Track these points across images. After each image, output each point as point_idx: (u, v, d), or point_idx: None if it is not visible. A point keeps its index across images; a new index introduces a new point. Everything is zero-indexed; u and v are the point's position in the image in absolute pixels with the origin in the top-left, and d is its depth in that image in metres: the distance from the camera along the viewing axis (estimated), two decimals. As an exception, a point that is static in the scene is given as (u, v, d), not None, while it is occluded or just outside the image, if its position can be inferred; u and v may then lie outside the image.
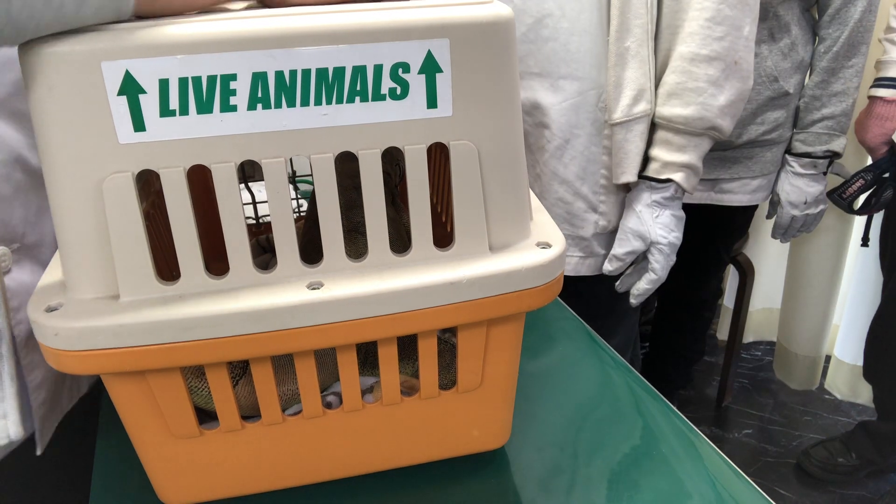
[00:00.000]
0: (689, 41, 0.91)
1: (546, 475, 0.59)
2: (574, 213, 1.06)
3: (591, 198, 1.04)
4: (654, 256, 1.02)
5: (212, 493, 0.55)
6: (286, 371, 0.54)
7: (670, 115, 0.95)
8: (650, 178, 0.99)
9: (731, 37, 0.91)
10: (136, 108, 0.40)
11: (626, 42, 0.93)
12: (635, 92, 0.95)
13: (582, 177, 1.03)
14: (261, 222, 0.86)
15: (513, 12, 0.45)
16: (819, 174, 1.29)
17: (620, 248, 1.04)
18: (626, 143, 0.97)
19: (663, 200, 0.99)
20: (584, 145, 1.01)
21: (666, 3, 0.93)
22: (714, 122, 0.95)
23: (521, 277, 0.48)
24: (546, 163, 1.05)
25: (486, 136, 0.46)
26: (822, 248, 1.63)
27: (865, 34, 1.19)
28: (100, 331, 0.42)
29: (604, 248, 1.09)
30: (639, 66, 0.94)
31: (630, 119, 0.95)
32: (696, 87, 0.92)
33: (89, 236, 0.43)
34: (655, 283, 1.04)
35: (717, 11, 0.90)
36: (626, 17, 0.91)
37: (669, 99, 0.94)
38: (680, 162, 0.96)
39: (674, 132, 0.96)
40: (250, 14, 0.42)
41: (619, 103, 0.95)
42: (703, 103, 0.93)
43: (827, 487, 1.62)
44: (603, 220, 1.05)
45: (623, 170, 0.99)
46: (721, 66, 0.92)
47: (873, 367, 1.58)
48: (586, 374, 0.73)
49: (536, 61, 1.00)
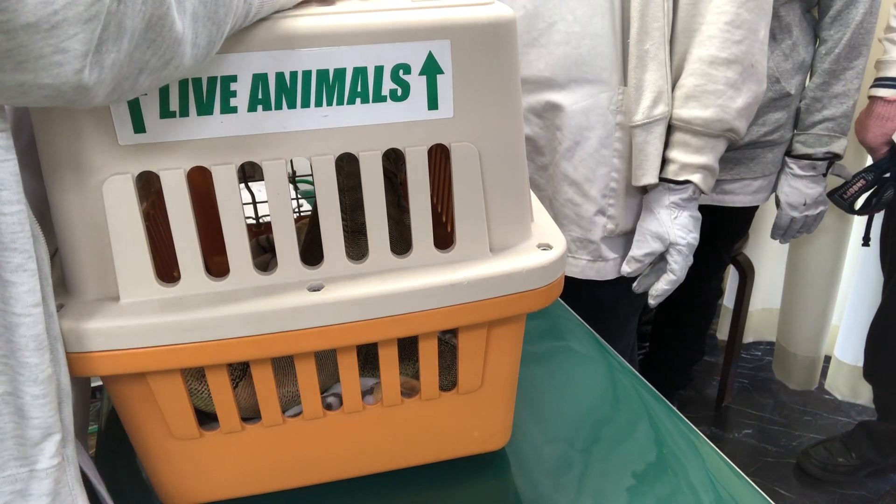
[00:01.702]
0: (708, 44, 0.92)
1: (546, 476, 0.59)
2: (583, 216, 1.06)
3: (600, 201, 1.05)
4: (673, 257, 1.02)
5: (212, 495, 0.55)
6: (286, 372, 0.54)
7: (689, 117, 0.95)
8: (668, 179, 1.00)
9: (748, 40, 0.93)
10: (136, 110, 0.40)
11: (646, 45, 0.93)
12: (655, 94, 0.95)
13: (591, 179, 1.04)
14: (261, 222, 0.86)
15: (521, 15, 0.45)
16: (818, 176, 1.29)
17: (639, 250, 1.04)
18: (646, 146, 0.98)
19: (681, 202, 1.00)
20: (594, 148, 1.02)
21: (682, 7, 0.94)
22: (732, 124, 0.96)
23: (521, 279, 0.48)
24: (557, 164, 1.05)
25: (487, 137, 0.46)
26: (822, 249, 1.63)
27: (867, 36, 1.19)
28: (100, 333, 0.42)
29: (612, 252, 1.09)
30: (657, 69, 0.95)
31: (650, 121, 0.96)
32: (715, 89, 0.93)
33: (89, 238, 0.43)
34: (674, 283, 1.04)
35: (735, 15, 0.91)
36: (645, 20, 0.92)
37: (688, 101, 0.95)
38: (698, 163, 0.98)
39: (692, 134, 0.97)
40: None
41: (639, 105, 0.96)
42: (722, 105, 0.94)
43: (827, 487, 1.62)
44: (611, 223, 1.06)
45: (644, 171, 0.99)
46: (739, 68, 0.93)
47: (873, 368, 1.57)
48: (586, 374, 0.73)
49: (548, 64, 1.01)
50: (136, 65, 0.30)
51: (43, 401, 0.35)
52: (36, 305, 0.34)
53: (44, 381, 0.35)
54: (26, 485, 0.36)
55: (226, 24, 0.35)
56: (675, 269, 1.03)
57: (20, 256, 0.33)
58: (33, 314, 0.34)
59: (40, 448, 0.36)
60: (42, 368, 0.35)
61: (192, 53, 0.33)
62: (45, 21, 0.24)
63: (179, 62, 0.33)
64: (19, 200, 0.32)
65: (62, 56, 0.25)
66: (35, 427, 0.35)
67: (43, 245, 0.36)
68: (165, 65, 0.32)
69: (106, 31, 0.27)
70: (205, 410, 0.52)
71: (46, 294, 0.36)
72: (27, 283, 0.33)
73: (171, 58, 0.32)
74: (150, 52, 0.30)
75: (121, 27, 0.28)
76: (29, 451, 0.36)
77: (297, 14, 0.42)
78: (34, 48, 0.25)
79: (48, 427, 0.36)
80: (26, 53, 0.25)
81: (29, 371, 0.34)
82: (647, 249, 1.04)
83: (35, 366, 0.34)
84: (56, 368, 0.37)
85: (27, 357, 0.34)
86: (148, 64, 0.31)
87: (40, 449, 0.36)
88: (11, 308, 0.33)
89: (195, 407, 0.50)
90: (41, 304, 0.34)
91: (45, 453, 0.36)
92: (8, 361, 0.34)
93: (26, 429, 0.35)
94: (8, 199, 0.32)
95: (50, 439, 0.36)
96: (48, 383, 0.35)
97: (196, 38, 0.33)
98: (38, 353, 0.34)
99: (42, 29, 0.24)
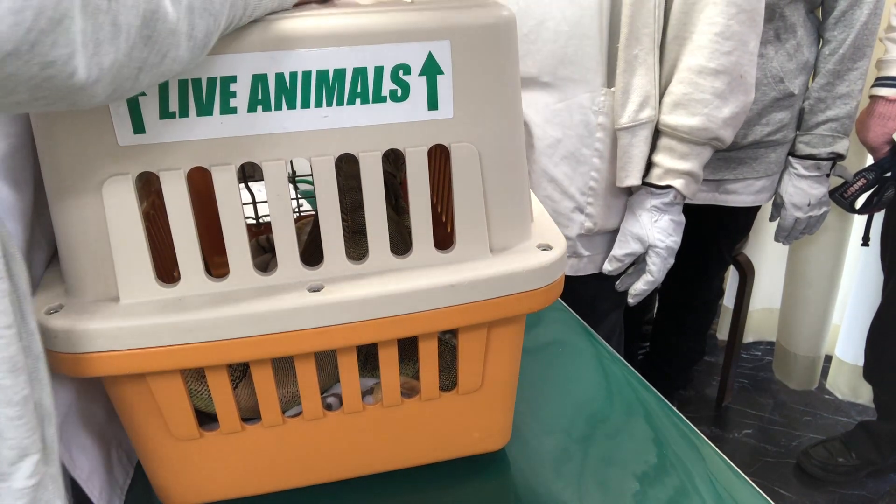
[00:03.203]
0: (698, 54, 0.94)
1: (546, 476, 0.59)
2: (560, 213, 1.08)
3: (579, 198, 1.06)
4: (652, 259, 1.05)
5: (212, 495, 0.55)
6: (286, 373, 0.54)
7: (675, 124, 0.97)
8: (651, 184, 1.02)
9: (738, 52, 0.94)
10: (136, 110, 0.40)
11: (635, 50, 0.95)
12: (641, 98, 0.97)
13: (571, 177, 1.05)
14: (261, 222, 0.86)
15: (515, 14, 0.45)
16: (822, 176, 1.29)
17: (620, 250, 1.07)
18: (631, 148, 0.99)
19: (662, 206, 1.02)
20: (574, 146, 1.03)
21: (674, 15, 0.95)
22: (717, 133, 0.98)
23: (521, 279, 0.48)
24: (536, 160, 1.07)
25: (488, 137, 0.46)
26: (822, 249, 1.63)
27: (870, 37, 1.19)
28: (99, 333, 0.42)
29: (587, 250, 1.12)
30: (645, 74, 0.96)
31: (636, 124, 0.98)
32: (703, 98, 0.95)
33: (89, 238, 0.43)
34: (652, 284, 1.07)
35: (726, 27, 0.92)
36: (635, 25, 0.93)
37: (675, 109, 0.97)
38: (681, 169, 0.99)
39: (678, 140, 0.98)
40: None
41: (625, 108, 0.97)
42: (708, 115, 0.96)
43: (827, 487, 1.62)
44: (589, 221, 1.08)
45: (627, 173, 1.01)
46: (727, 79, 0.95)
47: (873, 367, 1.57)
48: (586, 375, 0.73)
49: (535, 62, 1.02)
50: (136, 63, 0.30)
51: (18, 422, 0.34)
52: (7, 327, 0.33)
53: (18, 402, 0.34)
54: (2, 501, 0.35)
55: (222, 15, 0.35)
56: (653, 271, 1.06)
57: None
58: (4, 336, 0.33)
59: (16, 467, 0.35)
60: (16, 390, 0.34)
61: (189, 46, 0.33)
62: (23, 43, 0.23)
63: (176, 54, 0.32)
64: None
65: (51, 70, 0.25)
66: (10, 447, 0.35)
67: (19, 263, 0.35)
68: (162, 59, 0.31)
69: (101, 31, 0.27)
70: (205, 411, 0.52)
71: (25, 313, 0.35)
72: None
73: (167, 51, 0.31)
74: (146, 48, 0.30)
75: (116, 25, 0.27)
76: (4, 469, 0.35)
77: (297, 14, 0.42)
78: (22, 75, 0.24)
79: (24, 448, 0.35)
80: (16, 81, 0.24)
81: (2, 393, 0.33)
82: (627, 250, 1.07)
83: (8, 388, 0.33)
84: (36, 389, 0.36)
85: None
86: (146, 61, 0.30)
87: (16, 468, 0.35)
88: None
89: (195, 407, 0.50)
90: (13, 326, 0.33)
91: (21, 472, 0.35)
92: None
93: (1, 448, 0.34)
94: None
95: (26, 459, 0.35)
96: (23, 405, 0.34)
97: (192, 29, 0.33)
98: (11, 375, 0.33)
99: (23, 52, 0.24)
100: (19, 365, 0.34)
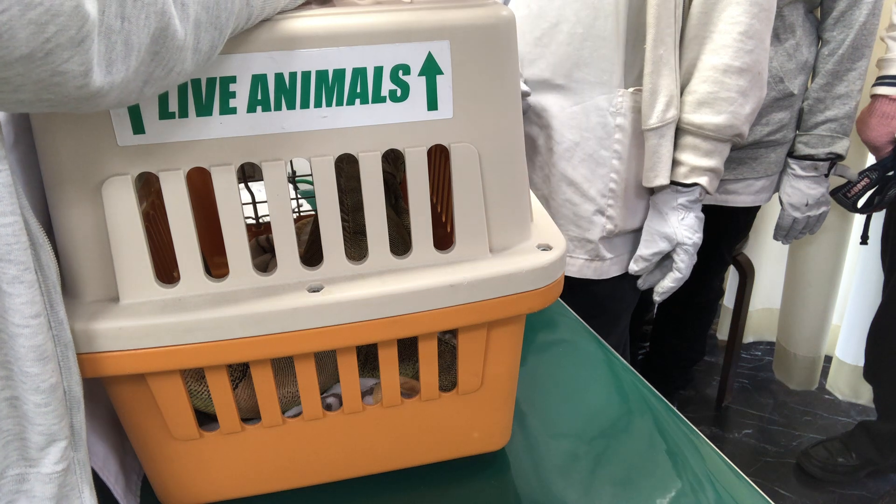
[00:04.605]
0: (722, 53, 0.95)
1: (546, 477, 0.59)
2: (581, 216, 1.08)
3: (600, 201, 1.06)
4: (680, 256, 1.06)
5: (212, 495, 0.55)
6: (286, 373, 0.54)
7: (702, 122, 0.98)
8: (677, 182, 1.02)
9: (758, 49, 0.95)
10: (136, 110, 0.40)
11: (660, 50, 0.95)
12: (668, 98, 0.97)
13: (590, 179, 1.05)
14: (261, 222, 0.86)
15: (525, 15, 0.45)
16: (820, 176, 1.29)
17: (647, 250, 1.07)
18: (659, 148, 1.00)
19: (688, 203, 1.03)
20: (593, 148, 1.04)
21: (693, 14, 0.96)
22: (740, 129, 0.99)
23: (521, 279, 0.48)
24: (555, 164, 1.07)
25: (487, 137, 0.46)
26: (822, 248, 1.63)
27: (870, 37, 1.19)
28: (99, 334, 0.42)
29: (609, 252, 1.11)
30: (669, 74, 0.97)
31: (663, 124, 0.98)
32: (728, 96, 0.96)
33: (88, 239, 0.43)
34: (679, 281, 1.08)
35: (749, 26, 0.93)
36: (660, 26, 0.94)
37: (700, 107, 0.97)
38: (706, 166, 1.00)
39: (703, 138, 0.99)
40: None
41: (654, 109, 0.98)
42: (734, 112, 0.97)
43: (827, 487, 1.62)
44: (610, 223, 1.07)
45: (656, 173, 1.02)
46: (749, 77, 0.96)
47: (873, 367, 1.57)
48: (586, 375, 0.73)
49: (549, 64, 1.03)
50: (142, 77, 0.30)
51: (46, 409, 0.35)
52: (35, 316, 0.34)
53: (45, 390, 0.35)
54: (31, 486, 0.36)
55: (227, 28, 0.35)
56: (681, 268, 1.06)
57: (16, 268, 0.33)
58: (31, 325, 0.34)
59: (45, 452, 0.36)
60: (43, 378, 0.35)
61: (194, 59, 0.33)
62: (38, 50, 0.24)
63: (182, 68, 0.33)
64: (13, 212, 0.32)
65: (60, 78, 0.25)
66: (39, 433, 0.36)
67: (48, 253, 0.36)
68: (168, 73, 0.32)
69: (114, 51, 0.27)
70: (205, 411, 0.52)
71: (54, 302, 0.36)
72: (24, 294, 0.33)
73: (173, 66, 0.32)
74: (154, 63, 0.30)
75: (128, 44, 0.28)
76: (34, 455, 0.36)
77: (297, 14, 0.42)
78: (31, 75, 0.25)
79: (52, 434, 0.36)
80: (23, 80, 0.25)
81: (30, 380, 0.34)
82: (654, 249, 1.07)
83: (36, 375, 0.34)
84: (64, 376, 0.37)
85: (27, 367, 0.34)
86: (152, 75, 0.31)
87: (45, 453, 0.36)
88: (10, 318, 0.33)
89: (195, 408, 0.50)
90: (41, 315, 0.34)
91: (49, 458, 0.36)
92: (11, 368, 0.34)
93: (31, 433, 0.36)
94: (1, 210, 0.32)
95: (55, 445, 0.37)
96: (51, 392, 0.35)
97: (198, 43, 0.33)
98: (39, 363, 0.34)
99: (37, 58, 0.24)
100: (48, 353, 0.35)
